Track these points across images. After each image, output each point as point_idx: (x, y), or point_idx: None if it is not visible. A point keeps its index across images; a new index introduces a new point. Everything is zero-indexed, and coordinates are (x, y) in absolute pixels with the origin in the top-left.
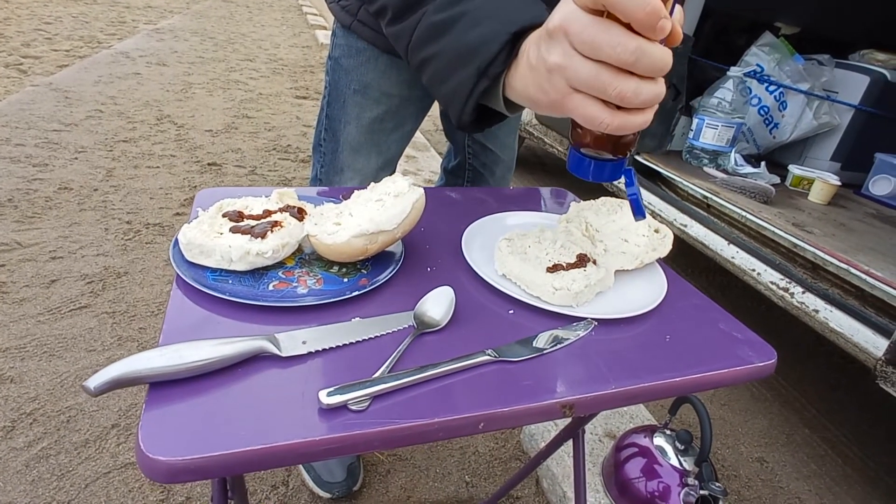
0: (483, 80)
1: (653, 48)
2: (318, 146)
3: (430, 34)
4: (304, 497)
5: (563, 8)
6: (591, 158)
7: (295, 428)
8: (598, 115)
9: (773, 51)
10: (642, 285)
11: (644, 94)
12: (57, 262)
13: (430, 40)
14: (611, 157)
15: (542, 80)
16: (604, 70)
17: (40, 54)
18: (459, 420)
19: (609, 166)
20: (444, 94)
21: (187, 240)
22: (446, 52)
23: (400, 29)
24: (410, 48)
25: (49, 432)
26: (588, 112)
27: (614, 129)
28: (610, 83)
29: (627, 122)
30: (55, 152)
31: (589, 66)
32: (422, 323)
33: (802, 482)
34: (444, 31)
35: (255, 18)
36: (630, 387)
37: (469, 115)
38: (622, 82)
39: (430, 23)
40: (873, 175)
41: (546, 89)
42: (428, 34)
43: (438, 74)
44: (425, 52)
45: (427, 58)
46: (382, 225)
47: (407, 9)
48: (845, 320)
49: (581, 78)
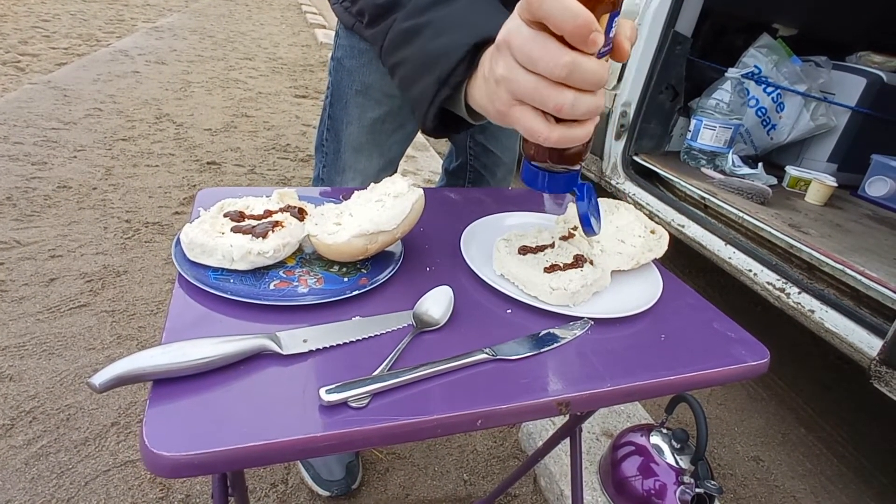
0: (444, 89)
1: (587, 62)
2: (321, 146)
3: (399, 40)
4: (303, 495)
5: (510, 21)
6: (542, 170)
7: (296, 424)
8: (538, 128)
9: (770, 52)
10: (638, 285)
11: (581, 107)
12: (56, 260)
13: (399, 46)
14: (561, 169)
15: (490, 90)
16: (543, 83)
17: (38, 52)
18: (458, 417)
19: (561, 178)
20: (411, 99)
21: (189, 239)
22: (412, 59)
23: (374, 33)
24: (383, 52)
25: (49, 430)
26: (529, 124)
27: (554, 143)
28: (548, 95)
29: (567, 134)
30: (54, 151)
31: (529, 78)
32: (421, 322)
33: (798, 481)
34: (410, 38)
35: (254, 17)
36: (625, 385)
37: (431, 122)
38: (559, 95)
39: (400, 29)
40: (869, 176)
41: (493, 100)
42: (398, 40)
43: (406, 79)
44: (395, 58)
45: (396, 63)
46: (382, 225)
47: (380, 14)
48: (840, 320)
49: (522, 90)
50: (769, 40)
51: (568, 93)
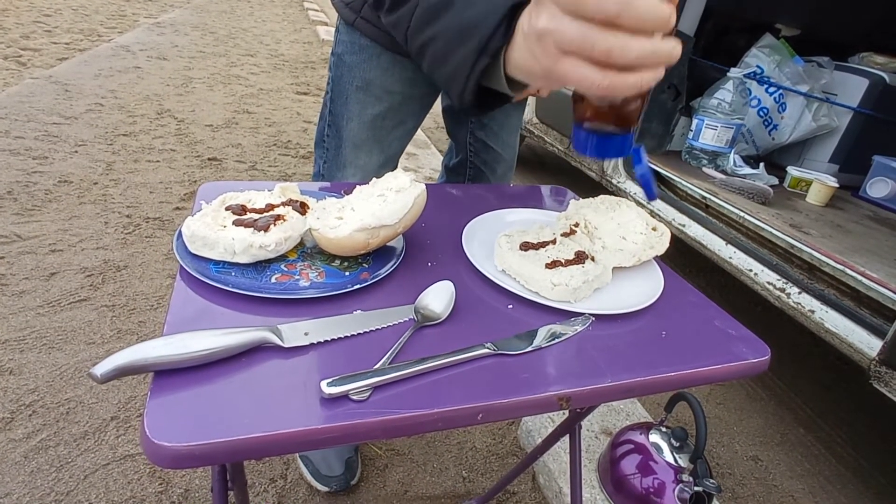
0: (483, 58)
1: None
2: (321, 142)
3: (429, 16)
4: (302, 490)
5: None
6: (595, 134)
7: (297, 416)
8: (589, 76)
9: (773, 52)
10: (639, 282)
11: (634, 50)
12: (56, 254)
13: (429, 22)
14: (615, 131)
15: (535, 46)
16: (591, 28)
17: (40, 47)
18: (458, 411)
19: (614, 141)
20: (445, 76)
21: (191, 232)
22: (445, 32)
23: (398, 16)
24: (410, 34)
25: (48, 424)
26: (579, 73)
27: (606, 89)
28: (596, 39)
29: (619, 81)
30: (55, 145)
31: (576, 25)
32: (422, 316)
33: (796, 481)
34: (441, 11)
35: (256, 13)
36: (626, 381)
37: (470, 95)
38: (608, 38)
39: (428, 5)
40: (871, 177)
41: (538, 56)
42: (426, 16)
43: (438, 56)
44: (424, 35)
45: (426, 41)
46: (384, 220)
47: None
48: (840, 321)
49: (568, 38)
50: (772, 40)
51: (618, 36)
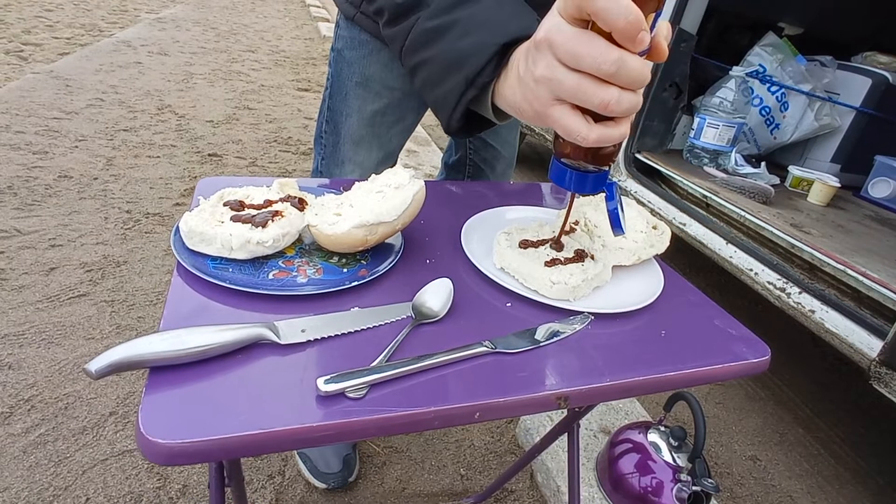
0: (471, 90)
1: (633, 60)
2: (320, 138)
3: (423, 40)
4: (299, 487)
5: (548, 20)
6: (573, 169)
7: (293, 414)
8: (578, 128)
9: (775, 51)
10: (639, 281)
11: (624, 104)
12: (56, 249)
13: (423, 46)
14: (592, 168)
15: (528, 91)
16: (586, 80)
17: (41, 41)
18: (455, 409)
19: (591, 178)
20: (434, 100)
21: (188, 228)
22: (437, 59)
23: (395, 32)
24: (404, 52)
25: (47, 419)
26: (568, 123)
27: (593, 142)
28: (594, 93)
29: (605, 134)
30: (55, 140)
31: (572, 76)
32: (420, 314)
33: (794, 481)
34: (435, 38)
35: (257, 9)
36: (624, 380)
37: (457, 122)
38: (604, 92)
39: (423, 29)
40: (873, 177)
41: (531, 100)
42: (421, 40)
43: (429, 80)
44: (418, 58)
45: (419, 63)
46: (383, 216)
47: (402, 13)
48: (841, 321)
49: (565, 88)
50: (774, 39)
51: (613, 89)
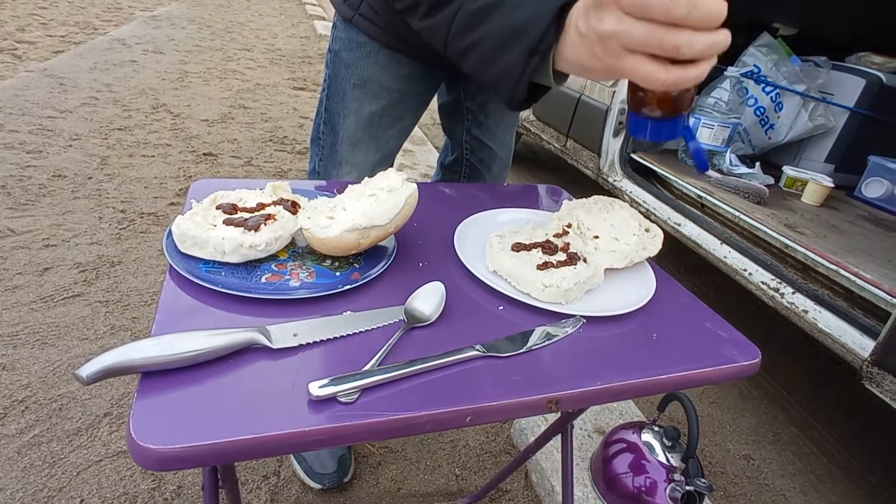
0: (534, 58)
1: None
2: (317, 139)
3: (472, 21)
4: (294, 488)
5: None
6: (651, 119)
7: (285, 418)
8: (655, 73)
9: (770, 51)
10: (631, 284)
11: (698, 45)
12: (50, 249)
13: (473, 27)
14: (671, 116)
15: (596, 47)
16: (656, 27)
17: (35, 39)
18: (447, 413)
19: (669, 124)
20: (493, 77)
21: (181, 231)
22: (492, 35)
23: (435, 21)
24: (450, 38)
25: (41, 420)
26: (644, 71)
27: (671, 85)
28: (664, 37)
29: (683, 75)
30: (49, 139)
31: (642, 26)
32: (412, 318)
33: (788, 480)
34: (486, 15)
35: (253, 7)
36: (615, 383)
37: (522, 94)
38: (676, 35)
39: (472, 10)
40: (866, 177)
41: (600, 56)
42: (470, 21)
43: (485, 59)
44: (468, 40)
45: (471, 44)
46: (375, 220)
47: (443, 1)
48: (833, 321)
49: (635, 39)
50: (769, 39)
51: (684, 32)
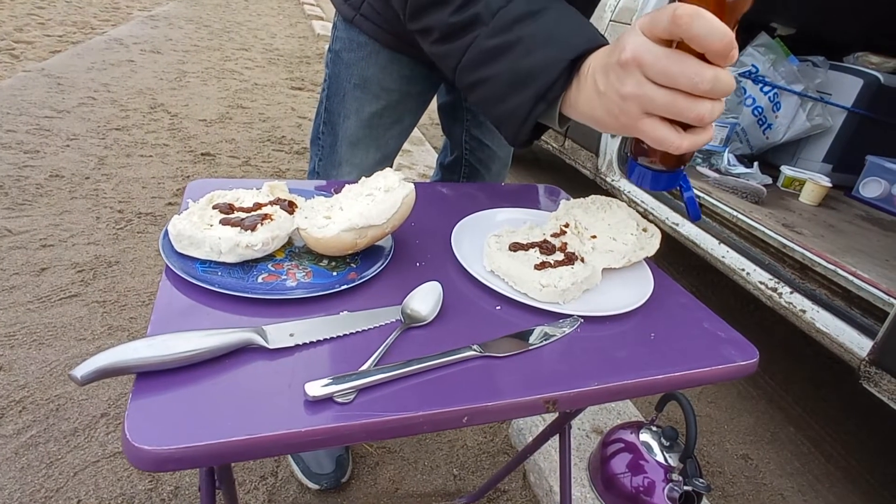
0: (541, 104)
1: (725, 75)
2: (317, 139)
3: (483, 58)
4: (292, 488)
5: (632, 39)
6: (653, 170)
7: (281, 419)
8: (670, 138)
9: (768, 51)
10: (629, 284)
11: (716, 114)
12: (47, 250)
13: (483, 64)
14: (671, 169)
15: (613, 106)
16: (679, 96)
17: (33, 39)
18: (444, 413)
19: (669, 176)
20: (498, 115)
21: (177, 231)
22: (501, 76)
23: (447, 49)
24: (460, 69)
25: (38, 420)
26: (660, 134)
27: (686, 149)
28: (689, 107)
29: (696, 141)
30: (47, 139)
31: (664, 93)
32: (409, 317)
33: (786, 479)
34: (498, 55)
35: (251, 7)
36: (613, 384)
37: (525, 136)
38: (699, 106)
39: (484, 48)
40: (864, 177)
41: (617, 115)
42: (481, 58)
43: (492, 97)
44: (478, 75)
45: (479, 80)
46: (372, 220)
47: (456, 32)
48: (831, 321)
49: (657, 105)
50: (767, 39)
51: (706, 102)
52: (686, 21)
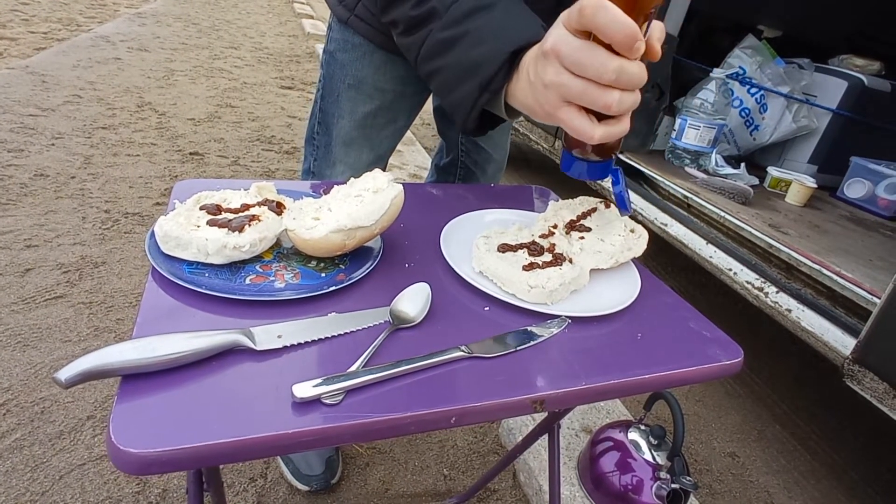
0: (485, 94)
1: (630, 66)
2: (311, 139)
3: (437, 49)
4: (282, 490)
5: (554, 31)
6: (581, 160)
7: (268, 421)
8: (584, 127)
9: (755, 53)
10: (616, 284)
11: (625, 104)
12: (32, 250)
13: (437, 55)
14: (599, 159)
15: (539, 94)
16: (591, 85)
17: (16, 36)
18: (432, 414)
19: (598, 167)
20: (450, 104)
21: (164, 232)
22: (451, 66)
23: (410, 41)
24: (419, 60)
25: (23, 423)
26: (576, 124)
27: (598, 139)
28: (598, 96)
29: (608, 132)
30: (31, 138)
31: (578, 82)
32: (398, 319)
33: (772, 476)
34: (449, 47)
35: (240, 5)
36: (600, 383)
37: (473, 123)
38: (607, 95)
39: (437, 39)
40: (848, 178)
41: (541, 102)
42: (435, 49)
43: (445, 85)
44: (433, 65)
45: (434, 70)
46: (360, 221)
47: (416, 25)
48: (816, 320)
49: (572, 92)
50: (754, 41)
51: (614, 92)
52: (590, 12)
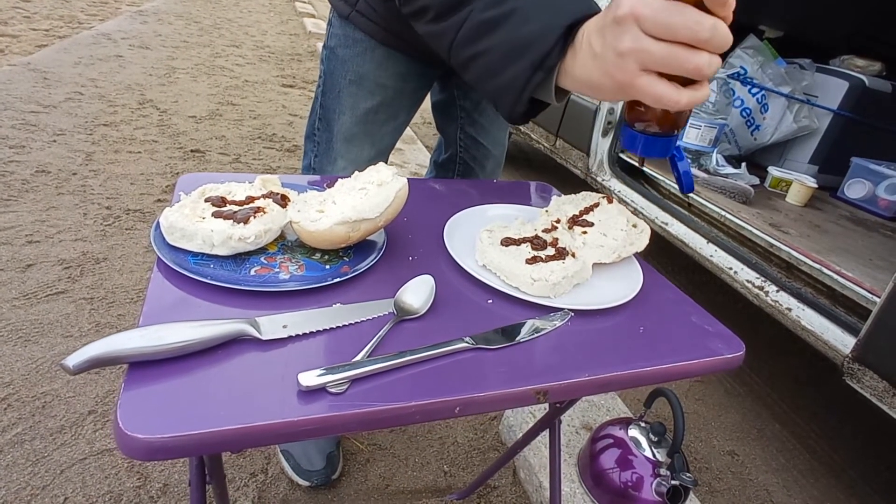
0: (538, 73)
1: (723, 24)
2: (312, 135)
3: (479, 31)
4: (282, 485)
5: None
6: (645, 135)
7: (273, 409)
8: (668, 93)
9: (756, 53)
10: (619, 278)
11: (714, 66)
12: (33, 246)
13: (479, 37)
14: (666, 133)
15: (610, 65)
16: (677, 48)
17: (18, 33)
18: (436, 404)
19: (663, 141)
20: (495, 89)
21: (169, 223)
22: (498, 47)
23: (442, 27)
24: (455, 45)
25: (24, 418)
26: (657, 90)
27: (684, 105)
28: (687, 59)
29: (695, 96)
30: (33, 134)
31: (662, 46)
32: (401, 310)
33: (771, 475)
34: (494, 27)
35: (241, 3)
36: (603, 375)
37: (523, 107)
38: (697, 57)
39: (479, 20)
40: (849, 178)
41: (613, 73)
42: (476, 31)
43: (488, 70)
44: (473, 49)
45: (475, 54)
46: (365, 213)
47: (451, 8)
48: (816, 318)
49: (655, 58)
50: (755, 42)
51: (704, 54)
52: None
